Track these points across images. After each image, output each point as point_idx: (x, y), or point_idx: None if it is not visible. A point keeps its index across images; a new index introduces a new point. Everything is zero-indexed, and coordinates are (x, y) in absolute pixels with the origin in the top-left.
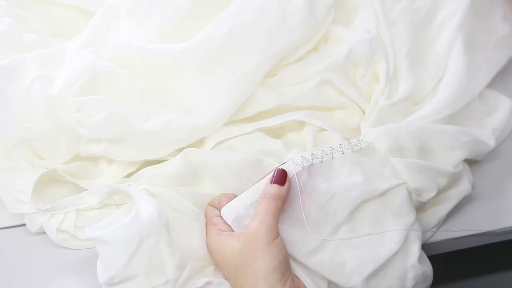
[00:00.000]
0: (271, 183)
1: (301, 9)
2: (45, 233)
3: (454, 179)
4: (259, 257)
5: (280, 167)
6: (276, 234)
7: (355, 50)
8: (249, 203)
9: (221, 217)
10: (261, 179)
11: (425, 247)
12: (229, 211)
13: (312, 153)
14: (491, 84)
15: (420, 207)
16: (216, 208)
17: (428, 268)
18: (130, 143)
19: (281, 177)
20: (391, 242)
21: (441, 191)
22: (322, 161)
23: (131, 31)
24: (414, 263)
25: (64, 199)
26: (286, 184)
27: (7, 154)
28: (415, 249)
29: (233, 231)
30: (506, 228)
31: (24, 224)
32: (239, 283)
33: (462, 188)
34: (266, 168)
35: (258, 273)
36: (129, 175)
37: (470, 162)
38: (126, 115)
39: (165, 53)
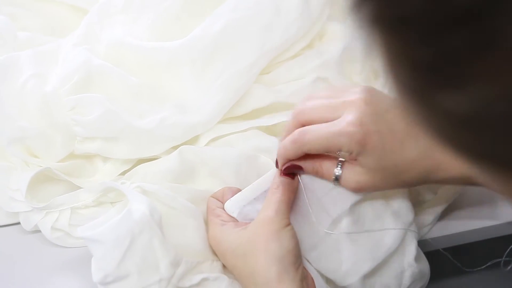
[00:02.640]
0: (281, 175)
1: (296, 5)
2: (40, 231)
3: None
4: (274, 239)
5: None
6: (288, 222)
7: (351, 47)
8: (254, 197)
9: (223, 209)
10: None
11: (421, 243)
12: (233, 205)
13: None
14: None
15: (417, 206)
16: (218, 200)
17: (425, 266)
18: (124, 141)
19: (292, 171)
20: (390, 241)
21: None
22: None
23: (125, 28)
24: (411, 262)
25: (58, 197)
26: (296, 178)
27: (1, 152)
28: (412, 248)
29: (236, 222)
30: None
31: (19, 223)
32: (248, 269)
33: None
34: (263, 164)
35: (273, 255)
36: (124, 173)
37: None
38: (121, 113)
39: (160, 51)
